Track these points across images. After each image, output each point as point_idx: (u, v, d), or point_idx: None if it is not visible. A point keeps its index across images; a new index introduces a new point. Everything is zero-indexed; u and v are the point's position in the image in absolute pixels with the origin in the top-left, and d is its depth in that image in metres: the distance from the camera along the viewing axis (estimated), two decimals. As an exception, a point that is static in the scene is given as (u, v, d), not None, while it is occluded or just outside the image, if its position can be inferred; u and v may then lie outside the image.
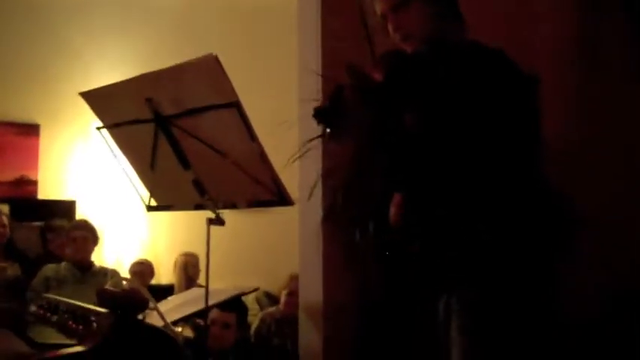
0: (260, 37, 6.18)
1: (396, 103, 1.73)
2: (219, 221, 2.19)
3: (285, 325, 4.26)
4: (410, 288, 1.98)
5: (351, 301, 2.96)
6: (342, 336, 2.97)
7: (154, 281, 5.21)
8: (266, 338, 4.15)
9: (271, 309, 4.52)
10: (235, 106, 1.89)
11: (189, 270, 5.20)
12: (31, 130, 5.53)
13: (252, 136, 1.94)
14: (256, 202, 2.12)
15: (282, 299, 4.39)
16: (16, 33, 5.51)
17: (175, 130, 2.07)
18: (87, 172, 5.64)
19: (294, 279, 4.31)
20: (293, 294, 4.18)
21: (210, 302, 2.38)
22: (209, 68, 1.87)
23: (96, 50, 5.77)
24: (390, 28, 1.91)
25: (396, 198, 1.79)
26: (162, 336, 2.11)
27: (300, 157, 2.57)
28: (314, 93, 2.85)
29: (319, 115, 1.74)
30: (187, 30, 6.01)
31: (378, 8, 1.94)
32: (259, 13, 6.09)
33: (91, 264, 4.38)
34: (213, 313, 3.26)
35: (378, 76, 1.79)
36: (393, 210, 1.80)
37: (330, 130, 1.75)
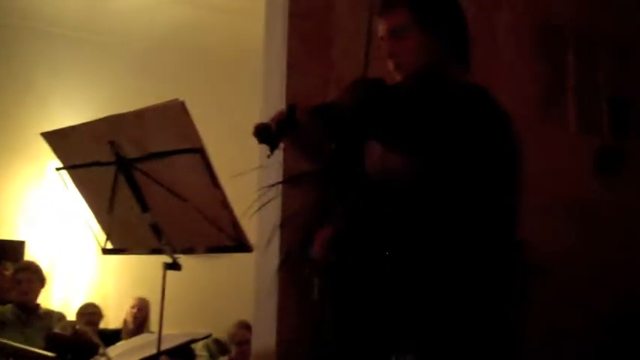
0: (223, 82, 6.23)
1: (361, 131, 1.61)
2: (175, 266, 2.17)
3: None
4: (365, 339, 1.93)
5: (305, 349, 2.94)
6: (295, 385, 2.94)
7: (101, 325, 5.08)
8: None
9: (222, 359, 4.45)
10: (199, 151, 1.90)
11: (141, 314, 5.11)
12: (-16, 170, 5.42)
13: (215, 182, 1.94)
14: (215, 247, 2.11)
15: (234, 349, 4.35)
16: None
17: (136, 174, 2.06)
18: (39, 213, 5.54)
19: (241, 327, 4.31)
20: (243, 343, 4.17)
21: (162, 348, 2.34)
22: (175, 113, 1.88)
23: (57, 91, 5.74)
24: (385, 53, 1.83)
25: (325, 232, 1.70)
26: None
27: (259, 206, 2.55)
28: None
29: (260, 132, 1.53)
30: (151, 74, 6.02)
31: (380, 30, 1.86)
32: (222, 57, 6.15)
33: (37, 306, 4.27)
34: (162, 360, 3.20)
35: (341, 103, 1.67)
36: (317, 245, 1.71)
37: (271, 150, 1.57)
